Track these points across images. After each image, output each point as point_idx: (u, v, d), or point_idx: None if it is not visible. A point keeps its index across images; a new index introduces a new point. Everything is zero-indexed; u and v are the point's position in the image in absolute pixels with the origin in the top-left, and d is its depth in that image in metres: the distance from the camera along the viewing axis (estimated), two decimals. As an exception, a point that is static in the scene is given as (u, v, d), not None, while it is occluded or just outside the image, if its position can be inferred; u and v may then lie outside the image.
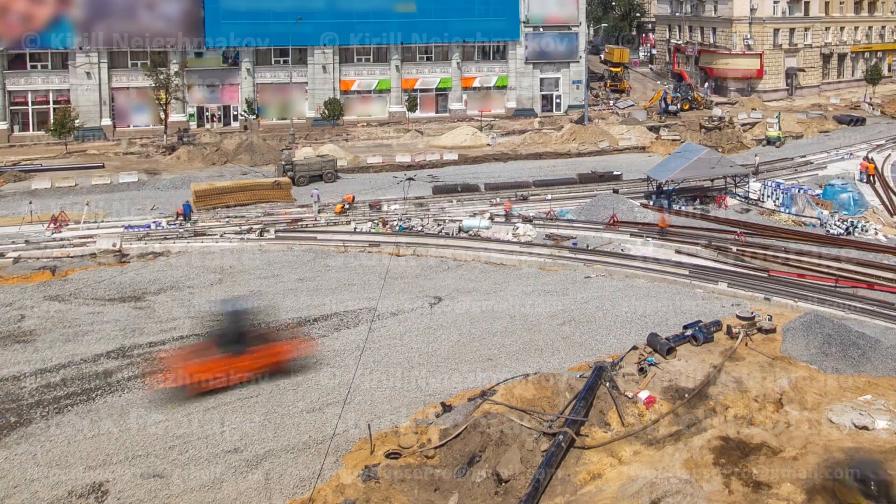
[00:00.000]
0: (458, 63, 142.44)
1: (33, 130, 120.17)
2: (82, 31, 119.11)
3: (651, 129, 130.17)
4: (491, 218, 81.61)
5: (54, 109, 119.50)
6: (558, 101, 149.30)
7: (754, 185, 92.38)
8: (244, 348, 46.74)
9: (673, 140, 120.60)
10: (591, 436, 40.77)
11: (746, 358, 49.65)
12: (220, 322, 48.69)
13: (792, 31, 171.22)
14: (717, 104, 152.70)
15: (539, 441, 39.29)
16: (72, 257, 70.74)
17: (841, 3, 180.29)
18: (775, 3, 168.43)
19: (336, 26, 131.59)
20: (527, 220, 79.93)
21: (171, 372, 45.88)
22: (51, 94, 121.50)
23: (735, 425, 41.94)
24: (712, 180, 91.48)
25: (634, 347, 50.58)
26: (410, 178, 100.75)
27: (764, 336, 52.66)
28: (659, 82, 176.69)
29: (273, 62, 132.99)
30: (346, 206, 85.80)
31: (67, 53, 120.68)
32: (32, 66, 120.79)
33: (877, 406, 43.32)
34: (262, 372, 47.15)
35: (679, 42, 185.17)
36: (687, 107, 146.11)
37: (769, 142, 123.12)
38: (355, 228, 79.42)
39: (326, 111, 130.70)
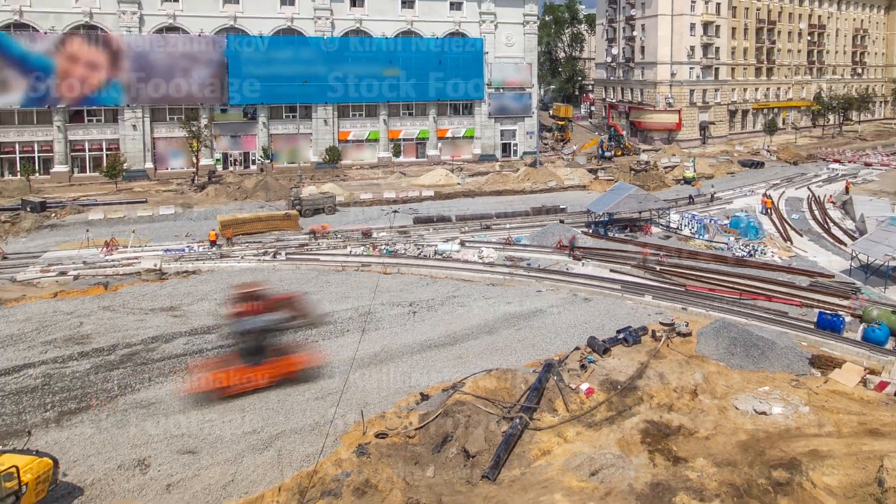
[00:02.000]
0: (434, 117, 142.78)
1: (89, 172, 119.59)
2: (129, 91, 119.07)
3: (590, 171, 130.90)
4: (461, 243, 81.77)
5: (107, 155, 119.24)
6: (515, 148, 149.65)
7: (674, 217, 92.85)
8: (263, 359, 45.55)
9: (608, 180, 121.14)
10: (542, 420, 40.76)
11: (668, 357, 49.84)
12: (243, 336, 46.79)
13: (705, 91, 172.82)
14: (643, 151, 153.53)
15: (500, 424, 39.31)
16: (121, 275, 70.37)
17: (744, 69, 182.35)
18: (691, 69, 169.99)
19: (335, 88, 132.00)
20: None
21: (199, 379, 44.49)
22: (104, 143, 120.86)
23: (658, 411, 42.11)
24: (640, 212, 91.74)
25: (577, 348, 50.77)
26: (395, 211, 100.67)
27: (682, 339, 52.86)
28: (596, 133, 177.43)
29: (284, 117, 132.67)
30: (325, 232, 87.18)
31: (117, 110, 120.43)
32: (89, 120, 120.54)
33: (773, 396, 43.59)
34: (278, 379, 45.68)
35: (613, 100, 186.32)
36: (619, 153, 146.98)
37: (686, 181, 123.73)
38: (350, 251, 79.35)
39: (327, 156, 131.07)
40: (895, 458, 33.89)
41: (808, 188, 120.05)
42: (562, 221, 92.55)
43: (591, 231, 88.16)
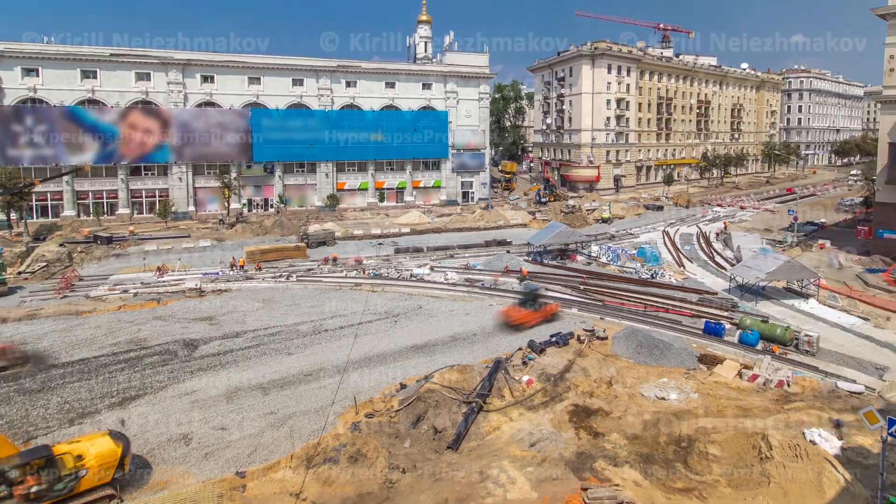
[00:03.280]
0: (410, 171, 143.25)
1: (145, 213, 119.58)
2: (176, 152, 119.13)
3: (530, 212, 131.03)
4: (431, 268, 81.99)
5: (158, 200, 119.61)
6: (473, 195, 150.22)
7: (594, 248, 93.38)
8: (538, 307, 59.24)
9: (544, 220, 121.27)
10: (493, 403, 41.03)
11: (589, 355, 50.13)
12: (526, 294, 61.63)
13: (618, 151, 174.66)
14: (571, 197, 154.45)
15: (461, 407, 39.61)
16: (169, 293, 70.13)
17: (648, 134, 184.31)
18: (607, 134, 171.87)
19: (334, 149, 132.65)
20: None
21: (506, 316, 57.72)
22: (157, 191, 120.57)
23: (582, 397, 42.37)
24: (568, 244, 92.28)
25: (520, 348, 51.03)
26: (380, 244, 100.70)
27: (600, 342, 53.19)
28: (535, 183, 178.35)
29: (295, 171, 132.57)
30: (334, 259, 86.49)
31: (167, 166, 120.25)
32: (145, 174, 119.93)
33: (670, 385, 44.08)
34: (545, 318, 58.70)
35: (547, 158, 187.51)
36: (552, 199, 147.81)
37: (603, 221, 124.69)
38: (346, 274, 79.37)
39: (328, 201, 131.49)
40: (774, 436, 34.48)
41: (697, 226, 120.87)
42: (508, 251, 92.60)
43: (530, 259, 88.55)
